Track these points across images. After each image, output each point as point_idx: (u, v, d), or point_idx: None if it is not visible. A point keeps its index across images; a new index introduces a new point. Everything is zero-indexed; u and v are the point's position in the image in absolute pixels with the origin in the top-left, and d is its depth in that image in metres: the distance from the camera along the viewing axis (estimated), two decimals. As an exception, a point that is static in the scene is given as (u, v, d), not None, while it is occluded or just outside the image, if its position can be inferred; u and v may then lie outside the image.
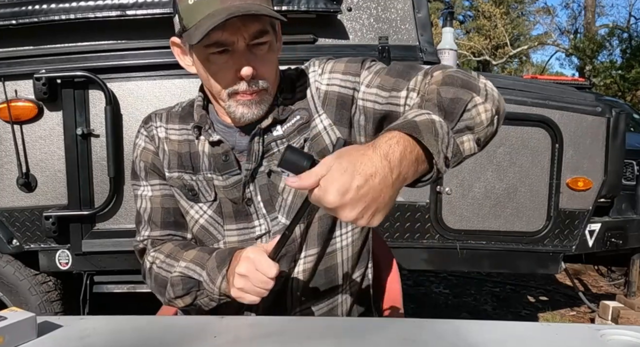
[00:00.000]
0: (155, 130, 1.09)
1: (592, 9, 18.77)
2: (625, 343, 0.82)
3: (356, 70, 1.01)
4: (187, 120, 1.08)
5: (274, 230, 1.03)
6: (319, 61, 1.06)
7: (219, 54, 0.91)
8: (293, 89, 1.05)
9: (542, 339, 0.83)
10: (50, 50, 2.11)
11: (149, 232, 1.08)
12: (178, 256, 1.02)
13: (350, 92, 1.00)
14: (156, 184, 1.09)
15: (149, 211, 1.08)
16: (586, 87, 3.55)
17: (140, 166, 1.10)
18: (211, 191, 1.04)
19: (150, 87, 2.11)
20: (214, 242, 1.07)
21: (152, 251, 1.06)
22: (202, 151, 1.04)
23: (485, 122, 0.84)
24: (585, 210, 2.28)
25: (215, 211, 1.05)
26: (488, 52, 20.92)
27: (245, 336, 0.85)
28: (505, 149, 2.20)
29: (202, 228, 1.06)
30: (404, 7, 2.15)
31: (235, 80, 0.93)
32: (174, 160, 1.06)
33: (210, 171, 1.04)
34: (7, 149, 2.12)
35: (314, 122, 1.02)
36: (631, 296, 2.96)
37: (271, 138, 1.01)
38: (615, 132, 2.25)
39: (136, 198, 1.12)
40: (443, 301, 3.84)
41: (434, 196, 2.20)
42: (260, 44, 0.92)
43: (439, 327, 0.86)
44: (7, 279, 2.21)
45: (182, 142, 1.07)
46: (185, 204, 1.07)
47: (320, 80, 1.03)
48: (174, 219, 1.09)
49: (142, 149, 1.10)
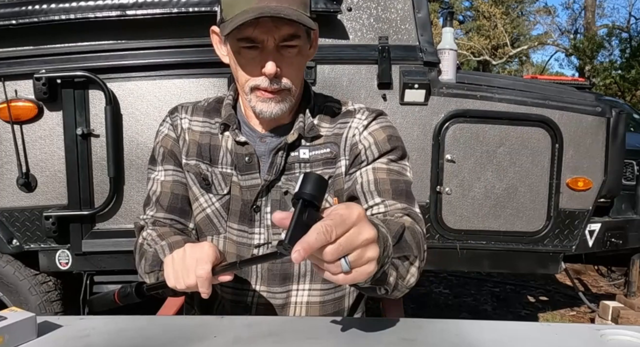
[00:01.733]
0: (179, 121, 1.13)
1: (592, 9, 18.77)
2: (625, 343, 0.82)
3: (380, 151, 1.04)
4: (211, 114, 1.12)
5: (274, 242, 1.05)
6: (368, 113, 1.10)
7: (249, 49, 0.96)
8: (332, 119, 1.09)
9: (542, 339, 0.83)
10: (50, 50, 2.11)
11: (154, 213, 1.10)
12: (164, 236, 1.03)
13: (363, 160, 1.04)
14: (170, 169, 1.12)
15: (157, 194, 1.11)
16: (586, 87, 3.55)
17: (160, 151, 1.13)
18: (225, 185, 1.07)
19: (150, 87, 2.11)
20: (214, 234, 1.09)
21: (150, 228, 1.08)
22: (224, 146, 1.08)
23: (411, 281, 0.87)
24: (585, 210, 2.28)
25: (223, 205, 1.08)
26: (488, 52, 20.92)
27: (245, 336, 0.85)
28: (505, 149, 2.20)
29: (207, 217, 1.09)
30: (404, 7, 2.15)
31: (259, 76, 0.97)
32: (193, 148, 1.10)
33: (231, 167, 1.07)
34: (7, 149, 2.12)
35: (339, 163, 1.06)
36: (631, 296, 2.96)
37: (296, 158, 1.06)
38: (615, 132, 2.25)
39: (148, 181, 1.15)
40: (443, 301, 3.84)
41: (434, 196, 2.20)
42: (290, 46, 0.96)
43: (439, 327, 0.86)
44: (7, 279, 2.21)
45: (203, 134, 1.11)
46: (197, 191, 1.10)
47: (360, 130, 1.07)
48: (181, 205, 1.11)
49: (164, 136, 1.13)
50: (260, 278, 1.07)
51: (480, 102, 2.18)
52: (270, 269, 1.07)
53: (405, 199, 0.99)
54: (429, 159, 2.18)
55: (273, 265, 1.06)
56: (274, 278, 1.07)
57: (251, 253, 1.07)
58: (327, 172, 1.06)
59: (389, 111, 2.14)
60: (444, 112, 2.16)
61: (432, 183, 2.19)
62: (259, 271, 1.07)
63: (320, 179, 0.66)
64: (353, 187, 1.02)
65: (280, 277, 1.07)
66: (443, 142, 2.18)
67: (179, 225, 1.11)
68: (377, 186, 1.00)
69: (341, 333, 0.85)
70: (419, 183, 2.19)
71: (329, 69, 2.13)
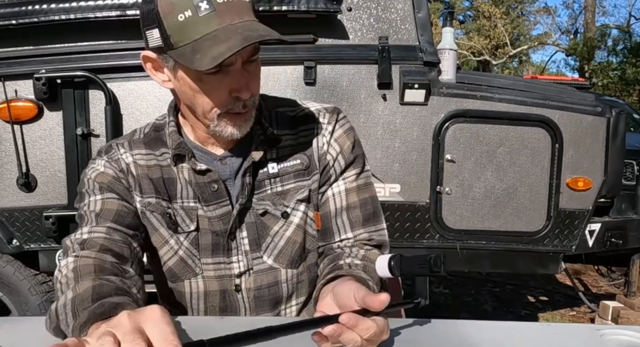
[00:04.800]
0: (119, 156, 0.98)
1: (592, 9, 18.76)
2: (625, 343, 0.82)
3: (346, 162, 1.01)
4: (153, 146, 0.99)
5: (256, 269, 0.99)
6: (328, 114, 1.02)
7: (214, 74, 0.85)
8: (291, 125, 1.01)
9: (542, 339, 0.83)
10: (50, 50, 2.11)
11: (90, 228, 0.89)
12: (78, 279, 0.79)
13: (332, 174, 1.01)
14: (113, 198, 0.94)
15: (98, 210, 0.92)
16: (586, 87, 3.55)
17: (94, 185, 0.95)
18: (191, 221, 0.97)
19: (150, 87, 2.11)
20: (191, 277, 0.99)
21: (72, 254, 0.85)
22: (181, 179, 0.97)
23: None
24: (585, 210, 2.28)
25: (192, 243, 0.98)
26: (488, 52, 20.92)
27: (245, 336, 0.85)
28: (505, 149, 2.20)
29: (181, 260, 0.98)
30: (404, 7, 2.15)
31: (229, 100, 0.87)
32: (147, 185, 0.97)
33: (194, 200, 0.97)
34: (7, 149, 2.12)
35: (316, 176, 1.00)
36: (631, 296, 2.96)
37: (265, 175, 0.98)
38: (615, 132, 2.25)
39: (82, 208, 0.94)
40: (443, 301, 3.84)
41: (434, 196, 2.20)
42: (253, 61, 0.88)
43: (439, 327, 0.86)
44: (7, 279, 2.21)
45: (152, 168, 0.97)
46: (165, 233, 0.97)
47: (328, 139, 1.01)
48: (131, 221, 0.94)
49: (99, 173, 0.96)
50: (249, 308, 1.01)
51: (480, 102, 2.18)
52: (257, 297, 1.00)
53: (373, 222, 1.00)
54: (429, 159, 2.18)
55: (260, 292, 1.00)
56: (263, 305, 1.01)
57: (234, 284, 1.00)
58: (301, 185, 0.99)
59: (388, 111, 2.15)
60: (444, 112, 2.16)
61: (432, 183, 2.19)
62: (245, 301, 1.01)
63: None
64: (326, 211, 1.00)
65: (271, 302, 1.01)
66: (443, 142, 2.18)
67: (117, 235, 0.90)
68: (348, 214, 0.99)
69: (341, 333, 0.85)
70: (419, 183, 2.19)
71: (329, 69, 2.13)
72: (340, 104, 2.01)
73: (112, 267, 0.83)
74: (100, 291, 0.74)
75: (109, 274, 0.81)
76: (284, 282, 1.01)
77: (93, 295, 0.72)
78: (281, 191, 0.99)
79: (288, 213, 0.99)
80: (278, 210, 0.99)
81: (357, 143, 1.04)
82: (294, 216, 0.99)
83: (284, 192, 0.99)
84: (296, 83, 2.13)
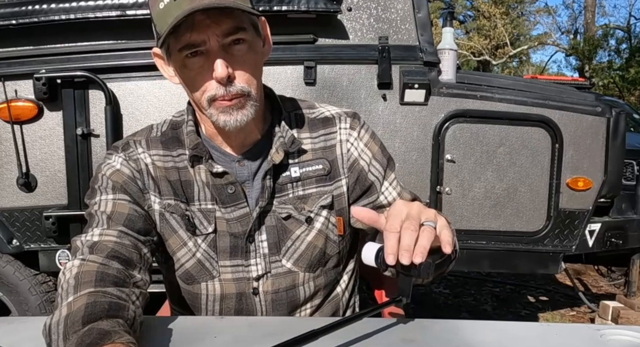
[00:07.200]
0: (138, 156, 0.97)
1: (592, 9, 18.75)
2: (625, 343, 0.82)
3: (382, 166, 1.03)
4: (170, 146, 0.98)
5: (274, 272, 0.99)
6: (350, 119, 1.03)
7: (194, 57, 0.84)
8: (310, 129, 1.00)
9: (542, 339, 0.83)
10: (50, 50, 2.11)
11: (101, 230, 0.88)
12: (77, 289, 0.78)
13: (373, 180, 1.02)
14: (125, 200, 0.93)
15: (109, 212, 0.91)
16: (586, 87, 3.55)
17: (107, 183, 0.94)
18: (209, 223, 0.96)
19: (150, 87, 2.11)
20: (208, 279, 0.99)
21: (80, 257, 0.84)
22: (198, 181, 0.96)
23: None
24: (585, 210, 2.28)
25: (210, 245, 0.97)
26: (488, 52, 20.92)
27: (245, 336, 0.85)
28: (505, 149, 2.20)
29: (199, 263, 0.98)
30: (404, 7, 2.15)
31: (212, 85, 0.85)
32: (166, 187, 0.96)
33: (212, 202, 0.96)
34: (7, 149, 2.12)
35: (340, 182, 1.01)
36: (631, 296, 2.96)
37: (287, 178, 0.98)
38: (615, 132, 2.25)
39: (92, 206, 0.93)
40: (443, 301, 3.84)
41: (434, 196, 2.20)
42: (237, 42, 0.85)
43: (439, 327, 0.86)
44: (7, 279, 2.21)
45: (169, 170, 0.97)
46: (184, 235, 0.97)
47: (352, 142, 1.01)
48: (142, 225, 0.93)
49: (115, 171, 0.95)
50: (265, 311, 1.01)
51: (480, 102, 2.18)
52: (275, 300, 1.00)
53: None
54: (429, 159, 2.18)
55: (278, 295, 1.00)
56: (280, 308, 1.01)
57: (251, 287, 0.99)
58: (323, 190, 0.99)
59: (388, 111, 2.15)
60: (444, 112, 2.16)
61: (432, 183, 2.19)
62: (262, 304, 1.00)
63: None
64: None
65: (288, 305, 1.01)
66: (443, 142, 2.18)
67: (127, 240, 0.88)
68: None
69: (341, 333, 0.85)
70: (419, 183, 2.19)
71: (329, 69, 2.13)
72: (340, 104, 2.01)
73: (116, 274, 0.82)
74: (92, 312, 0.72)
75: (109, 284, 0.79)
76: (301, 285, 1.01)
77: (84, 317, 0.71)
78: (302, 195, 0.99)
79: (312, 218, 0.99)
80: (302, 215, 0.99)
81: (382, 144, 1.06)
82: (316, 221, 1.00)
83: (305, 197, 0.99)
84: (296, 83, 2.13)
